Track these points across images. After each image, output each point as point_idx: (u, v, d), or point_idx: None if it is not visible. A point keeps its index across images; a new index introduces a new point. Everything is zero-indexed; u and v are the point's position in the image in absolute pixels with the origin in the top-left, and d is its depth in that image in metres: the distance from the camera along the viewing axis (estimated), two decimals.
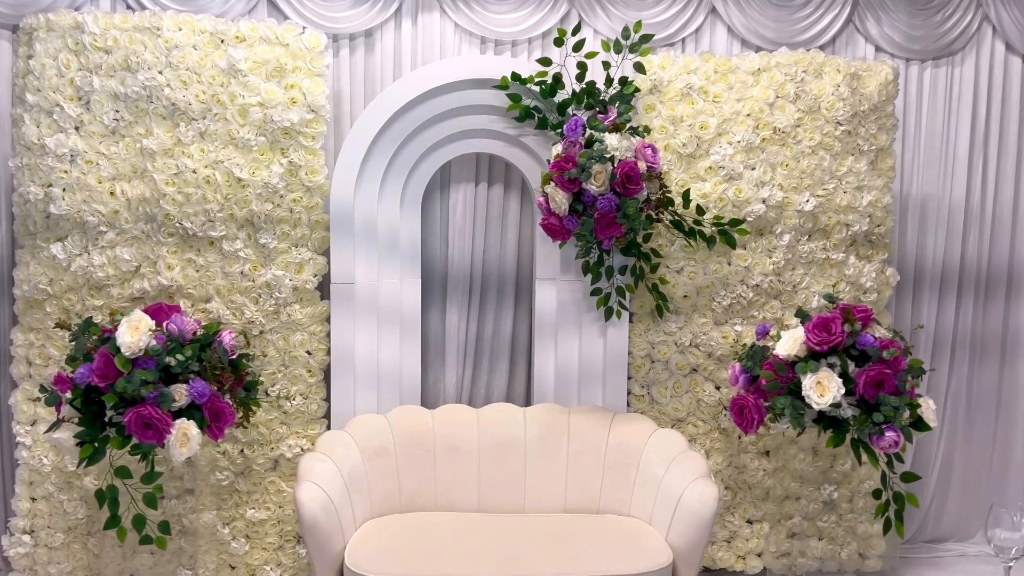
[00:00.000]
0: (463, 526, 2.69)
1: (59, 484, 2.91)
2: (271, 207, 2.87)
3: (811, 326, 2.54)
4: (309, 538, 2.38)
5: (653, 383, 3.17)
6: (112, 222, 2.84)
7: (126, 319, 2.35)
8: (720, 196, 3.03)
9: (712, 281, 3.09)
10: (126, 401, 2.32)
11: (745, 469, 3.16)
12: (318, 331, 3.00)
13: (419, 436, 2.90)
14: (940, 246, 3.50)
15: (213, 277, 2.89)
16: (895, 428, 2.44)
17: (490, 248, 3.32)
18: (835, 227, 3.11)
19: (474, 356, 3.36)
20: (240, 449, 2.97)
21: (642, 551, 2.47)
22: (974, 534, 3.69)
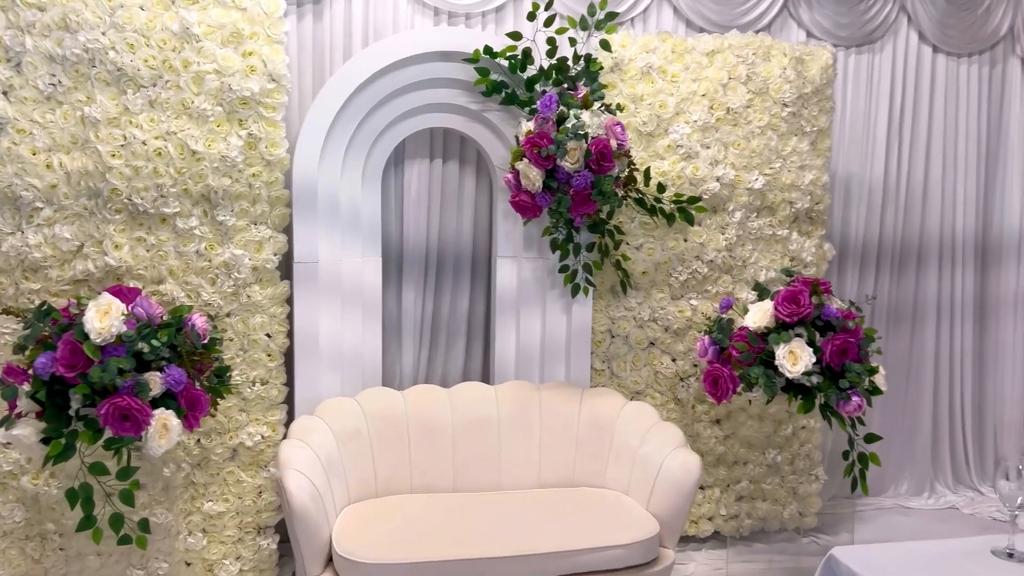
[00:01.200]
0: (445, 507, 2.66)
1: None
2: (229, 182, 2.70)
3: (780, 299, 2.67)
4: (299, 528, 2.28)
5: (613, 357, 3.23)
6: (49, 197, 2.59)
7: (94, 303, 2.16)
8: (679, 174, 3.11)
9: (669, 257, 3.17)
10: (96, 392, 2.13)
11: (699, 437, 3.29)
12: (278, 313, 2.86)
13: (392, 418, 2.83)
14: (862, 222, 3.75)
15: (166, 257, 2.70)
16: (859, 393, 2.61)
17: (446, 225, 3.27)
18: (780, 204, 3.27)
19: (431, 335, 3.31)
20: (197, 439, 2.80)
21: (629, 521, 2.53)
22: (887, 488, 4.01)
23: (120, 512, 2.18)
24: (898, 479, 4.02)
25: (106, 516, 2.28)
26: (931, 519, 3.78)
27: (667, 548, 2.57)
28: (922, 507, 3.90)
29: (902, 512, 3.86)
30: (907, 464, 4.02)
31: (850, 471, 2.70)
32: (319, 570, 2.36)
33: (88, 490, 2.14)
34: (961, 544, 1.82)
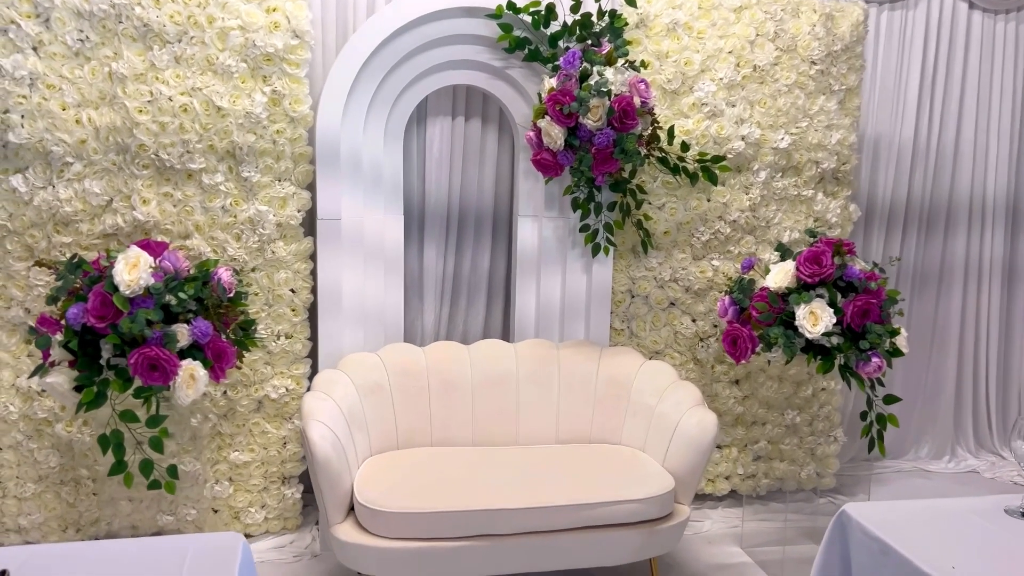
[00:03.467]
0: (464, 460, 2.71)
1: (28, 432, 2.74)
2: (253, 138, 2.73)
3: (802, 259, 2.66)
4: (322, 477, 2.34)
5: (633, 317, 3.24)
6: (79, 153, 2.64)
7: (122, 256, 2.21)
8: (703, 133, 3.09)
9: (692, 217, 3.16)
10: (126, 342, 2.19)
11: (717, 397, 3.31)
12: (302, 269, 2.90)
13: (413, 373, 2.88)
14: (890, 183, 3.70)
15: (192, 212, 2.74)
16: (879, 354, 2.60)
17: (467, 184, 3.28)
18: (806, 164, 3.23)
19: (452, 293, 3.34)
20: (223, 391, 2.87)
21: (644, 477, 2.56)
22: (907, 451, 4.01)
23: (150, 458, 2.25)
24: (919, 442, 4.02)
25: (137, 462, 2.37)
26: (951, 482, 3.78)
27: (682, 504, 2.61)
28: (942, 471, 3.90)
29: (922, 475, 3.86)
30: (928, 427, 4.01)
31: (867, 431, 2.70)
32: (341, 518, 2.43)
33: (119, 436, 2.21)
34: (975, 503, 1.82)
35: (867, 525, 1.68)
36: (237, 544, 1.54)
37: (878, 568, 1.63)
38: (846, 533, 1.76)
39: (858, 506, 1.77)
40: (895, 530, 1.64)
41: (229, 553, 1.50)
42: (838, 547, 1.78)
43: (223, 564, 1.46)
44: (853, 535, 1.73)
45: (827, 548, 1.80)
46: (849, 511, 1.76)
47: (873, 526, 1.67)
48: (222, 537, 1.56)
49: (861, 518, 1.71)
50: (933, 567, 1.51)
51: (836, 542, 1.78)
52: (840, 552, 1.77)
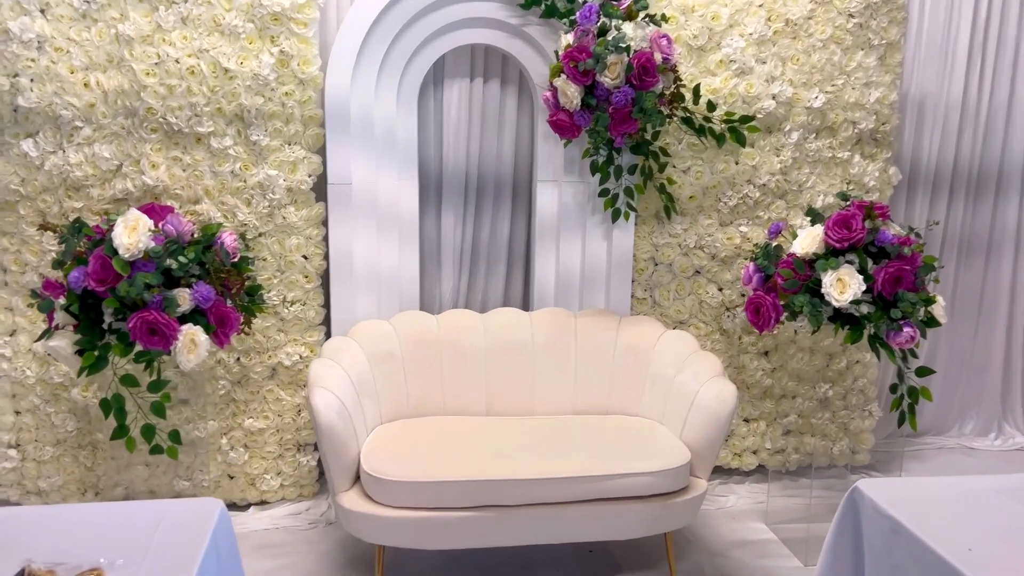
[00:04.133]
0: (475, 429, 2.65)
1: (45, 396, 2.77)
2: (262, 101, 2.68)
3: (831, 223, 2.51)
4: (326, 444, 2.31)
5: (656, 286, 3.13)
6: (88, 116, 2.62)
7: (122, 219, 2.18)
8: (731, 91, 2.94)
9: (719, 181, 3.02)
10: (127, 306, 2.17)
11: (744, 369, 3.19)
12: (314, 235, 2.85)
13: (426, 341, 2.82)
14: (935, 145, 3.49)
15: (202, 177, 2.71)
16: (912, 324, 2.45)
17: (486, 148, 3.19)
18: (842, 125, 3.06)
19: (471, 261, 3.26)
20: (236, 358, 2.86)
21: (659, 450, 2.47)
22: (951, 427, 3.83)
23: (151, 423, 2.24)
24: (963, 418, 3.83)
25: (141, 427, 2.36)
26: (995, 461, 3.60)
27: (699, 478, 2.51)
28: (987, 448, 3.72)
29: (965, 452, 3.69)
30: (974, 403, 3.82)
31: (898, 405, 2.56)
32: (347, 486, 2.39)
33: (120, 401, 2.20)
34: (1001, 481, 1.69)
35: (879, 502, 1.57)
36: (214, 510, 1.50)
37: (890, 548, 1.52)
38: (858, 511, 1.65)
39: (871, 482, 1.65)
40: (908, 508, 1.53)
41: (205, 519, 1.46)
42: (850, 525, 1.67)
43: (197, 530, 1.42)
44: (865, 513, 1.62)
45: (838, 526, 1.69)
46: (862, 487, 1.64)
47: (885, 503, 1.55)
48: (201, 503, 1.53)
49: (874, 495, 1.59)
50: (947, 548, 1.40)
51: (848, 520, 1.67)
52: (852, 531, 1.66)
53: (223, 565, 1.45)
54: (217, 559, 1.43)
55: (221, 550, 1.46)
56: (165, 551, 1.36)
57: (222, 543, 1.47)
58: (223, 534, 1.49)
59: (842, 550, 1.68)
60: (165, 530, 1.43)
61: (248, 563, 2.65)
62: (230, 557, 1.51)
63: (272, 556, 2.70)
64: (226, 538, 1.51)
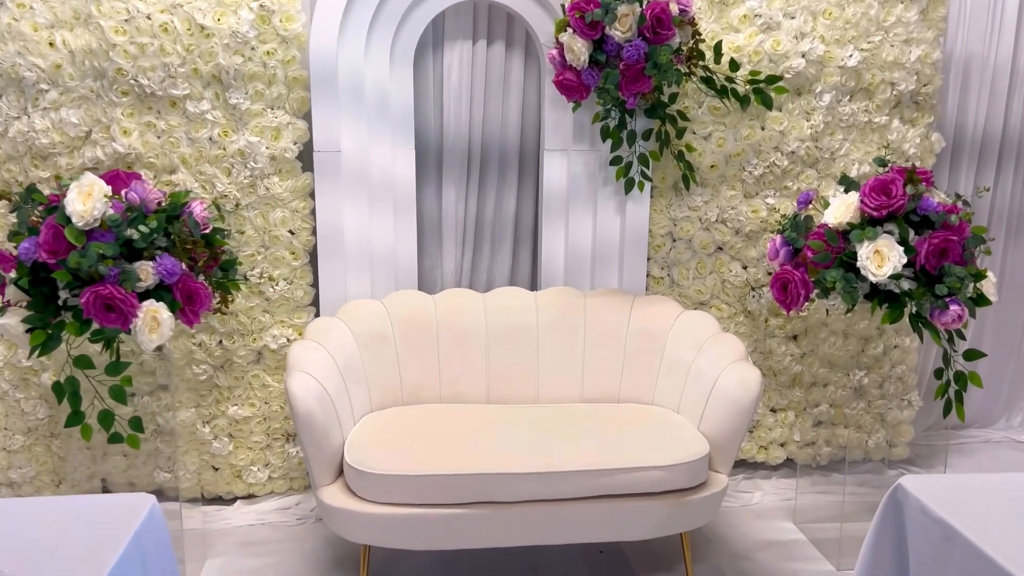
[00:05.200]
0: (472, 418, 2.42)
1: (13, 381, 2.59)
2: (241, 60, 2.46)
3: (868, 188, 2.24)
4: (305, 433, 2.09)
5: (674, 264, 2.88)
6: (54, 79, 2.42)
7: (75, 184, 1.98)
8: (755, 49, 2.67)
9: (743, 148, 2.76)
10: (82, 280, 1.97)
11: (771, 355, 2.92)
12: (301, 208, 2.64)
13: (421, 323, 2.59)
14: (983, 110, 3.19)
15: (177, 144, 2.51)
16: (959, 301, 2.18)
17: (490, 116, 2.95)
18: (879, 86, 2.78)
19: (474, 239, 3.03)
20: (219, 340, 2.65)
21: (674, 442, 2.23)
22: (997, 419, 3.54)
23: (109, 409, 2.04)
24: (1011, 409, 3.54)
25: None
26: None
27: (719, 473, 2.26)
28: None
29: (1013, 447, 3.39)
30: (1023, 393, 3.51)
31: (943, 392, 2.29)
32: (329, 480, 2.18)
33: (74, 384, 2.00)
34: None
35: (928, 504, 1.32)
36: (143, 507, 1.29)
37: (941, 558, 1.27)
38: (902, 513, 1.40)
39: (918, 479, 1.40)
40: (964, 511, 1.27)
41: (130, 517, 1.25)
42: (892, 530, 1.42)
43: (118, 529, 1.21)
44: (911, 515, 1.37)
45: (878, 531, 1.44)
46: (907, 485, 1.39)
47: (936, 505, 1.30)
48: (130, 498, 1.32)
49: (921, 495, 1.34)
50: (1013, 560, 1.14)
51: (890, 524, 1.42)
52: (894, 536, 1.41)
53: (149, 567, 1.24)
54: (142, 562, 1.23)
55: (148, 552, 1.25)
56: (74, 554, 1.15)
57: (149, 544, 1.26)
58: (152, 534, 1.28)
59: (883, 557, 1.43)
60: (80, 529, 1.22)
61: (227, 562, 2.46)
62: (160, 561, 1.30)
63: (254, 555, 2.50)
64: (156, 538, 1.30)
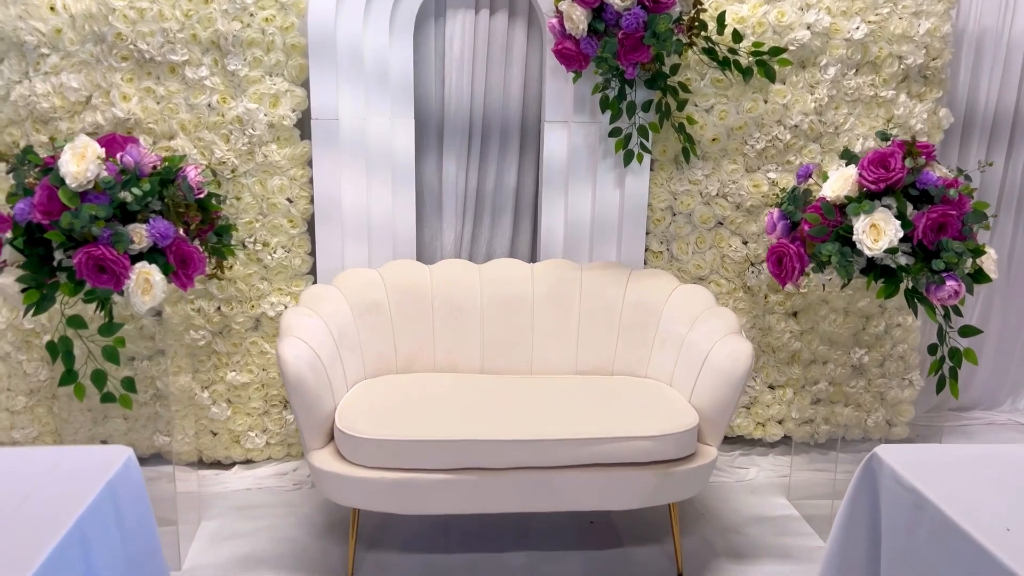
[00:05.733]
0: (466, 385, 2.43)
1: (16, 343, 2.63)
2: (239, 27, 2.46)
3: (866, 161, 2.21)
4: (295, 398, 2.11)
5: (674, 238, 2.86)
6: (55, 43, 2.44)
7: (70, 145, 1.99)
8: (760, 20, 2.63)
9: (745, 121, 2.73)
10: (76, 241, 1.99)
11: (770, 331, 2.91)
12: (299, 176, 2.65)
13: (416, 292, 2.60)
14: (995, 86, 3.12)
15: (177, 110, 2.52)
16: (956, 277, 2.15)
17: (492, 87, 2.93)
18: (886, 59, 2.73)
19: (474, 211, 3.02)
20: (217, 307, 2.68)
21: (663, 413, 2.22)
22: (1003, 402, 3.50)
23: (102, 369, 2.07)
24: (1017, 392, 3.50)
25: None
26: None
27: (709, 445, 2.26)
28: None
29: (1017, 429, 3.36)
30: None
31: (937, 368, 2.26)
32: (320, 444, 2.20)
33: (68, 344, 2.03)
34: None
35: (901, 472, 1.31)
36: (119, 459, 1.31)
37: (911, 526, 1.26)
38: (876, 481, 1.39)
39: (893, 449, 1.39)
40: (935, 479, 1.26)
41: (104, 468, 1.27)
42: (866, 498, 1.41)
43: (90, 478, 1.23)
44: (884, 484, 1.36)
45: (853, 499, 1.43)
46: (881, 454, 1.38)
47: (908, 473, 1.29)
48: (106, 450, 1.34)
49: (895, 463, 1.33)
50: (980, 528, 1.13)
51: (865, 491, 1.41)
52: (869, 503, 1.40)
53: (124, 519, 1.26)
54: (115, 513, 1.24)
55: (122, 503, 1.27)
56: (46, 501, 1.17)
57: (124, 495, 1.28)
58: (127, 485, 1.30)
59: (856, 525, 1.42)
60: (56, 478, 1.24)
61: (222, 524, 2.50)
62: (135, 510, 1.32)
63: (248, 518, 2.53)
64: (131, 490, 1.32)
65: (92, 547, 1.14)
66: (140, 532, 1.33)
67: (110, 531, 1.22)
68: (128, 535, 1.27)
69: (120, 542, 1.25)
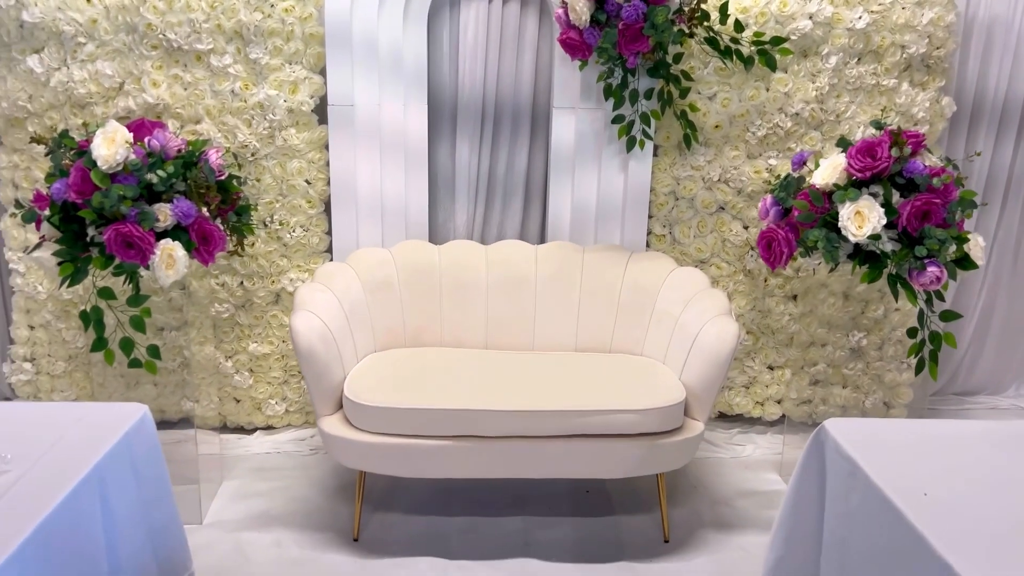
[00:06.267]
0: (469, 359, 2.58)
1: (56, 312, 2.83)
2: (261, 17, 2.61)
3: (854, 151, 2.29)
4: (306, 367, 2.27)
5: (676, 222, 2.96)
6: (90, 32, 2.61)
7: (101, 131, 2.16)
8: (762, 10, 2.70)
9: (747, 109, 2.81)
10: (106, 219, 2.16)
11: (770, 313, 3.00)
12: (317, 159, 2.80)
13: (425, 271, 2.74)
14: (1004, 75, 3.14)
15: (202, 96, 2.68)
16: (938, 263, 2.22)
17: (504, 73, 3.04)
18: (889, 48, 2.78)
19: (486, 193, 3.14)
20: (240, 282, 2.85)
21: (653, 388, 2.34)
22: (1008, 387, 3.54)
23: (130, 337, 2.24)
24: (1022, 378, 3.53)
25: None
26: None
27: (696, 420, 2.37)
28: None
29: (1020, 414, 3.40)
30: None
31: (916, 350, 2.34)
32: (330, 411, 2.36)
33: (99, 313, 2.21)
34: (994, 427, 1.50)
35: (842, 442, 1.41)
36: (134, 415, 1.47)
37: (846, 491, 1.37)
38: (823, 451, 1.49)
39: (840, 422, 1.49)
40: (870, 450, 1.37)
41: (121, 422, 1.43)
42: (815, 467, 1.52)
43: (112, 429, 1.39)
44: (829, 454, 1.46)
45: (803, 468, 1.54)
46: (828, 427, 1.49)
47: (847, 444, 1.40)
48: (123, 407, 1.51)
49: (838, 435, 1.44)
50: (899, 492, 1.24)
51: (813, 462, 1.52)
52: (817, 473, 1.51)
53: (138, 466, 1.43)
54: (131, 463, 1.41)
55: (137, 454, 1.43)
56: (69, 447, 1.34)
57: (139, 447, 1.44)
58: (142, 438, 1.46)
59: (805, 493, 1.53)
60: (79, 429, 1.41)
61: (241, 484, 2.68)
62: (149, 463, 1.49)
63: (265, 479, 2.72)
64: (146, 442, 1.48)
65: (108, 488, 1.30)
66: (153, 479, 1.49)
67: (126, 476, 1.39)
68: (142, 481, 1.44)
69: (135, 486, 1.41)
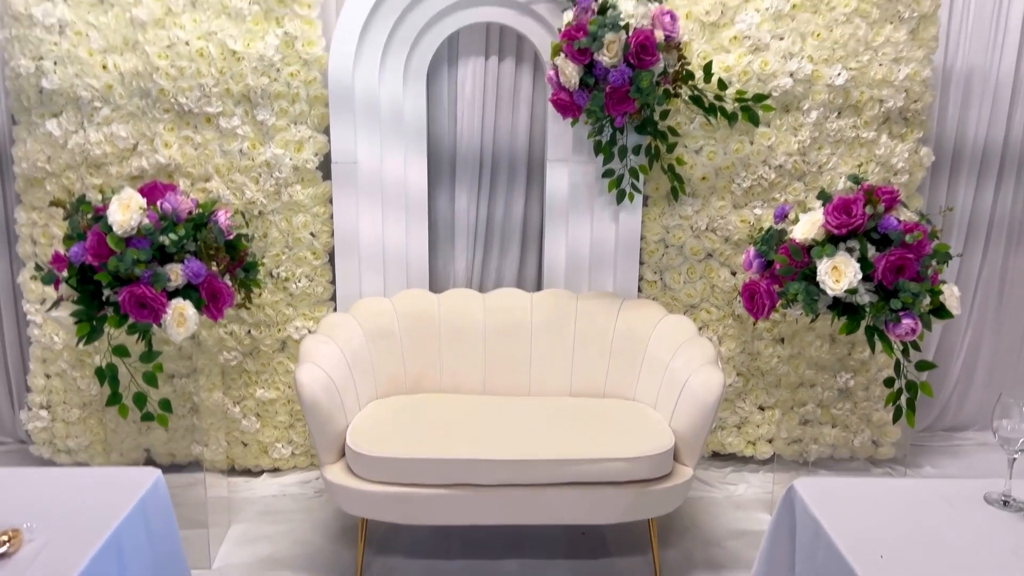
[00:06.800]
0: (467, 406, 2.68)
1: (71, 362, 2.95)
2: (267, 81, 2.75)
3: (830, 208, 2.40)
4: (310, 418, 2.38)
5: (666, 269, 3.07)
6: (106, 97, 2.75)
7: (116, 197, 2.29)
8: (744, 69, 2.83)
9: (732, 161, 2.93)
10: (121, 280, 2.28)
11: (759, 356, 3.10)
12: (321, 212, 2.92)
13: (424, 319, 2.86)
14: (983, 123, 3.27)
15: (212, 156, 2.81)
16: (913, 315, 2.33)
17: (501, 127, 3.18)
18: (867, 103, 2.90)
19: (484, 240, 3.27)
20: (247, 330, 2.97)
21: (644, 435, 2.44)
22: None
23: (143, 391, 2.36)
24: None
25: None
26: None
27: (685, 465, 2.47)
28: None
29: None
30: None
31: (893, 399, 2.44)
32: (333, 459, 2.47)
33: (113, 369, 2.33)
34: (951, 486, 1.59)
35: (808, 502, 1.51)
36: (148, 479, 1.58)
37: (812, 550, 1.46)
38: (793, 510, 1.59)
39: (809, 482, 1.59)
40: (833, 510, 1.46)
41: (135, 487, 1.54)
42: (786, 524, 1.61)
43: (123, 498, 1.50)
44: (798, 512, 1.56)
45: (776, 525, 1.63)
46: (797, 486, 1.58)
47: (813, 504, 1.49)
48: (137, 472, 1.61)
49: (805, 495, 1.53)
50: (857, 555, 1.33)
51: (784, 519, 1.61)
52: (788, 530, 1.61)
53: (152, 527, 1.53)
54: (146, 525, 1.51)
55: (151, 517, 1.54)
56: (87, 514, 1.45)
57: (153, 510, 1.55)
58: (156, 501, 1.57)
59: (779, 550, 1.63)
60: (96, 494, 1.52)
61: (248, 527, 2.78)
62: (163, 526, 1.59)
63: (270, 522, 2.82)
64: (159, 504, 1.59)
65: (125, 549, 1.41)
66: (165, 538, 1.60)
67: (140, 537, 1.49)
68: (155, 540, 1.54)
69: (148, 546, 1.52)
